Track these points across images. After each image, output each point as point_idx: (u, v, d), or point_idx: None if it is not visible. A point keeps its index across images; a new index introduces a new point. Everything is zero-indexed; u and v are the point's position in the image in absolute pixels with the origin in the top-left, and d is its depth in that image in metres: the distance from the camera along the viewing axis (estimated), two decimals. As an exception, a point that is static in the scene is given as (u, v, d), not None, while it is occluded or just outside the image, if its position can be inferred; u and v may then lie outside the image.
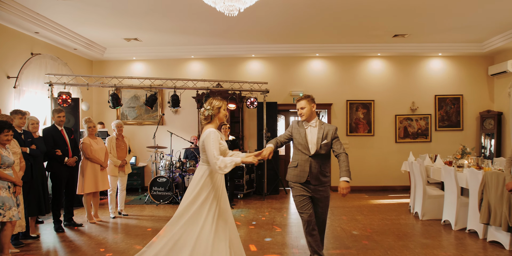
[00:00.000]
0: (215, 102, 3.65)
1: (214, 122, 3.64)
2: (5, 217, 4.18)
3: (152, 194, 7.99)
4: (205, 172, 3.48)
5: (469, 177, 5.51)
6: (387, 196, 9.00)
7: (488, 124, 9.69)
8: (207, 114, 3.62)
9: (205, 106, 3.67)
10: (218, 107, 3.64)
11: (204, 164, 3.54)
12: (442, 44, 9.56)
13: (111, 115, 10.20)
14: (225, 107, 3.71)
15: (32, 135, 5.44)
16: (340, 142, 4.16)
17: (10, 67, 7.09)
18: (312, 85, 10.19)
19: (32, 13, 6.83)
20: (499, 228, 4.87)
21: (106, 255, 4.66)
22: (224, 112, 3.69)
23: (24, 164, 4.77)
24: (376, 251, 4.79)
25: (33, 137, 5.43)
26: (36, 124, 5.62)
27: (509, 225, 4.61)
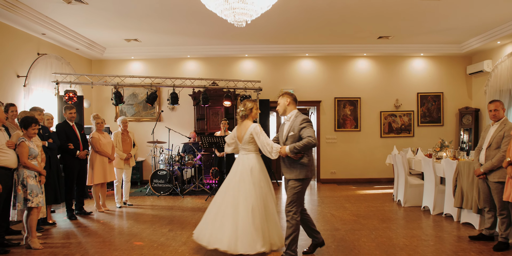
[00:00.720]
0: (248, 104, 4.47)
1: (249, 119, 4.46)
2: (33, 203, 4.64)
3: (153, 186, 8.48)
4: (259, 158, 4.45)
5: (445, 167, 6.12)
6: (373, 187, 9.61)
7: (466, 120, 10.35)
8: (241, 114, 4.46)
9: (240, 107, 4.49)
10: (250, 108, 4.46)
11: (251, 152, 4.42)
12: (424, 45, 10.17)
13: (111, 112, 10.62)
14: (256, 107, 4.52)
15: (48, 130, 5.92)
16: (309, 130, 4.09)
17: (19, 66, 7.51)
18: (302, 83, 10.74)
19: (41, 16, 7.25)
20: (470, 210, 5.49)
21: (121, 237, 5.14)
22: (256, 111, 4.50)
23: (44, 156, 5.23)
24: (362, 231, 5.37)
25: (49, 132, 5.90)
26: (51, 120, 6.09)
27: (479, 207, 5.21)
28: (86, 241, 5.08)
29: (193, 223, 5.94)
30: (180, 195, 8.42)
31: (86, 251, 4.64)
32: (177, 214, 6.66)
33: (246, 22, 4.75)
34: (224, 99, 9.23)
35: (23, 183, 4.65)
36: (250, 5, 4.41)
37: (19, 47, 7.54)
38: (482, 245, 4.64)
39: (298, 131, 4.11)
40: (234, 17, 4.59)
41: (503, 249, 4.46)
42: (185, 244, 4.86)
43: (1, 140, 4.60)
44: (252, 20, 4.83)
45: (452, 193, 5.78)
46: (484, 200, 4.85)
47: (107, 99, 10.49)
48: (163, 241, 5.01)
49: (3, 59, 7.08)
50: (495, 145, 4.58)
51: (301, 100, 10.51)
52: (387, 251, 4.47)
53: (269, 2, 4.51)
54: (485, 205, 4.87)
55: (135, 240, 5.05)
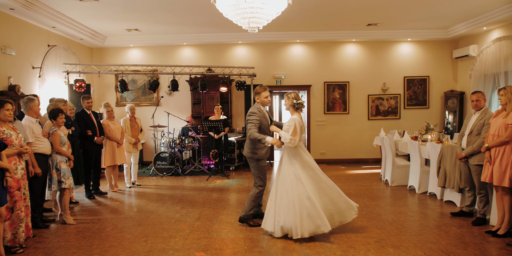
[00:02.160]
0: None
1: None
2: (66, 184, 5.19)
3: (156, 167, 8.95)
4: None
5: (430, 149, 6.69)
6: (361, 167, 10.22)
7: (451, 102, 10.90)
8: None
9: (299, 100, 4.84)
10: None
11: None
12: (411, 31, 10.52)
13: (112, 97, 10.94)
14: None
15: (71, 119, 6.33)
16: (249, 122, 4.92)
17: (34, 58, 7.98)
18: (293, 69, 11.13)
19: (53, 11, 7.67)
20: (452, 190, 6.08)
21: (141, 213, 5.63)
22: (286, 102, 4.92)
23: (69, 143, 5.63)
24: (355, 209, 5.94)
25: (71, 121, 6.28)
26: (72, 110, 6.52)
27: (460, 187, 5.80)
28: (111, 217, 5.64)
29: (200, 201, 6.50)
30: (181, 175, 8.91)
31: (114, 225, 5.19)
32: (184, 193, 7.19)
33: (258, 28, 5.15)
34: (221, 85, 9.63)
35: (56, 167, 5.17)
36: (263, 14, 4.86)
37: (33, 40, 7.97)
38: (462, 221, 5.25)
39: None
40: (249, 25, 5.00)
41: (480, 224, 5.06)
42: (198, 220, 5.43)
43: (38, 130, 5.07)
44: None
45: (436, 174, 6.36)
46: (465, 181, 5.44)
47: (108, 85, 10.83)
48: (179, 217, 5.57)
49: (21, 52, 7.54)
50: (476, 131, 5.12)
51: (291, 84, 11.03)
52: (378, 225, 5.05)
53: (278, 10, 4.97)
54: (465, 185, 5.45)
55: (154, 217, 5.60)
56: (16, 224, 4.16)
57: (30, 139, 4.86)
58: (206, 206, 6.17)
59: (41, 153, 5.06)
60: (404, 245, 4.31)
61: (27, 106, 5.01)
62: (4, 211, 3.85)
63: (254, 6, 4.83)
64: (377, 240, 4.49)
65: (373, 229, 4.88)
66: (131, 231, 4.91)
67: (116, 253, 4.17)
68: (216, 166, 9.28)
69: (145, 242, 4.48)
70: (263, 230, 4.73)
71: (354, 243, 4.39)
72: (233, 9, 4.97)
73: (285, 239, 4.56)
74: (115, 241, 4.54)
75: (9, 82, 7.02)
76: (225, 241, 4.51)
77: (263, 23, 5.10)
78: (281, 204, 4.51)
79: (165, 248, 4.30)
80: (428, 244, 4.33)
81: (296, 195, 4.46)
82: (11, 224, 4.15)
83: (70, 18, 8.30)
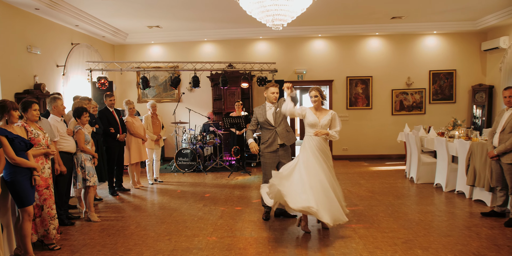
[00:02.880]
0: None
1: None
2: (91, 182, 5.24)
3: (178, 164, 8.99)
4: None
5: (458, 146, 6.48)
6: (384, 164, 10.03)
7: (479, 97, 10.55)
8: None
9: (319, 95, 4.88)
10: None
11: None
12: (437, 23, 10.23)
13: (133, 94, 11.05)
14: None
15: (94, 117, 6.38)
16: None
17: (58, 57, 8.12)
18: (315, 64, 10.98)
19: (76, 10, 7.79)
20: (482, 188, 5.88)
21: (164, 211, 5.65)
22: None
23: (93, 141, 5.69)
24: (379, 207, 5.82)
25: (95, 118, 6.34)
26: (95, 108, 6.56)
27: (491, 186, 5.60)
28: (135, 214, 5.67)
29: (223, 199, 6.46)
30: (203, 172, 8.93)
31: (138, 223, 5.20)
32: (206, 190, 7.18)
33: (282, 26, 5.07)
34: (242, 81, 9.57)
35: (81, 165, 5.22)
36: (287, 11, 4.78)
37: (57, 39, 8.11)
38: (494, 221, 5.05)
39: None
40: (273, 22, 4.93)
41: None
42: (221, 218, 5.39)
43: (63, 129, 5.13)
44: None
45: (465, 172, 6.16)
46: (497, 180, 5.23)
47: (130, 82, 10.95)
48: (201, 215, 5.55)
49: (46, 51, 7.68)
50: (509, 129, 4.90)
51: (313, 79, 10.89)
52: (404, 225, 4.91)
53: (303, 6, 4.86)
54: (497, 184, 5.25)
55: (176, 214, 5.60)
56: (47, 221, 4.22)
57: (55, 138, 4.91)
58: (229, 204, 6.14)
59: (66, 151, 5.11)
60: (432, 246, 4.17)
61: (51, 105, 5.06)
62: (31, 210, 3.90)
63: (279, 3, 4.79)
64: (405, 241, 4.36)
65: (399, 229, 4.75)
66: (155, 229, 4.92)
67: (141, 251, 4.18)
68: (237, 163, 9.25)
69: (169, 241, 4.48)
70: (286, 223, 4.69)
71: (380, 244, 4.28)
72: (257, 6, 4.93)
73: (310, 239, 4.49)
74: (139, 239, 4.56)
75: (34, 81, 7.13)
76: (249, 241, 4.47)
77: (287, 20, 5.04)
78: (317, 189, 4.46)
79: (189, 247, 4.28)
80: (458, 246, 4.19)
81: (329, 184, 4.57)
82: (41, 221, 4.22)
83: (93, 16, 8.39)
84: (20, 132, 3.98)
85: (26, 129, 4.11)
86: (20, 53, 6.88)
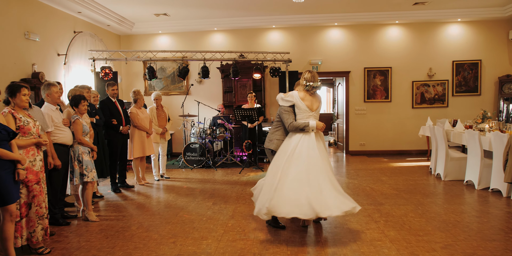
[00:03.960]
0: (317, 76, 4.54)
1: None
2: (89, 178, 4.74)
3: (186, 159, 8.49)
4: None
5: (493, 140, 5.87)
6: (405, 159, 9.43)
7: (507, 88, 9.88)
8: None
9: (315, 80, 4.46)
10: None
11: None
12: (462, 10, 9.61)
13: (140, 86, 10.57)
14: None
15: (95, 107, 5.92)
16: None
17: (59, 45, 7.63)
18: (331, 54, 10.40)
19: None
20: (522, 186, 5.29)
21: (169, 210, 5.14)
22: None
23: (93, 133, 5.26)
24: (408, 206, 5.25)
25: (96, 109, 5.89)
26: (96, 97, 6.08)
27: (532, 183, 5.02)
28: (137, 213, 5.16)
29: (234, 197, 5.93)
30: (212, 168, 8.41)
31: (140, 224, 4.69)
32: (216, 187, 6.66)
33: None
34: (254, 71, 9.05)
35: (78, 159, 4.74)
36: None
37: (58, 26, 7.63)
38: (539, 222, 4.48)
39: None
40: None
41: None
42: (232, 218, 4.86)
43: (58, 119, 4.65)
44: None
45: (503, 168, 5.56)
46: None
47: (136, 74, 10.48)
48: (211, 214, 5.02)
49: (46, 39, 7.20)
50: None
51: (329, 71, 10.32)
52: (440, 227, 4.34)
53: None
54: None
55: (184, 213, 5.09)
56: (34, 222, 3.69)
57: (49, 128, 4.42)
58: (240, 202, 5.61)
59: (62, 143, 4.62)
60: (478, 253, 3.60)
61: (45, 92, 4.58)
62: (14, 208, 3.40)
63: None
64: (444, 246, 3.79)
65: (435, 232, 4.18)
66: (158, 230, 4.41)
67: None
68: (249, 158, 8.73)
69: (174, 244, 3.96)
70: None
71: (416, 249, 3.71)
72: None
73: (334, 243, 3.95)
74: (140, 242, 4.04)
75: (33, 69, 6.67)
76: (264, 244, 3.93)
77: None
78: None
79: (196, 251, 3.76)
80: (508, 252, 3.60)
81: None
82: (27, 222, 3.69)
83: (96, 2, 7.89)
84: (4, 120, 3.49)
85: (14, 116, 3.63)
86: (16, 39, 6.39)
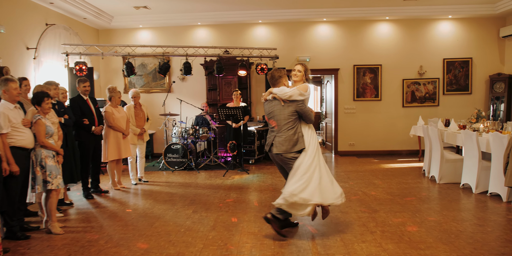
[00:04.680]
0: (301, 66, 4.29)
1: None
2: (53, 185, 4.21)
3: (167, 161, 8.00)
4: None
5: (492, 141, 5.53)
6: (396, 160, 9.10)
7: (498, 87, 9.64)
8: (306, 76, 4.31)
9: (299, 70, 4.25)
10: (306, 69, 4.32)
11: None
12: (453, 6, 9.35)
13: (119, 83, 10.03)
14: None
15: (64, 106, 5.40)
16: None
17: (29, 38, 7.06)
18: (319, 50, 10.03)
19: None
20: (524, 190, 4.96)
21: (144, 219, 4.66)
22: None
23: (61, 134, 4.77)
24: (404, 213, 4.87)
25: (65, 107, 5.39)
26: (65, 94, 5.57)
27: (535, 187, 4.69)
28: (108, 224, 4.64)
29: (216, 203, 5.47)
30: (195, 170, 7.95)
31: (110, 237, 4.18)
32: (197, 192, 6.19)
33: None
34: (239, 68, 8.61)
35: (41, 164, 4.21)
36: None
37: (27, 18, 7.05)
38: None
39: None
40: None
41: None
42: (214, 229, 4.38)
43: (17, 119, 4.13)
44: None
45: (503, 171, 5.21)
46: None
47: (115, 70, 9.94)
48: (190, 225, 4.54)
49: (12, 30, 6.63)
50: None
51: (317, 68, 9.93)
52: (442, 238, 3.96)
53: None
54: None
55: (159, 224, 4.59)
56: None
57: (4, 129, 3.90)
58: (223, 210, 5.15)
59: (21, 146, 4.09)
60: (488, 270, 3.23)
61: (1, 89, 4.05)
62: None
63: None
64: (449, 261, 3.41)
65: (437, 245, 3.79)
66: (130, 245, 3.90)
67: (108, 277, 3.20)
68: (234, 159, 8.28)
69: (146, 262, 3.50)
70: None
71: (418, 266, 3.32)
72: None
73: (325, 257, 3.54)
74: (108, 259, 3.57)
75: (-4, 64, 6.11)
76: (249, 261, 3.50)
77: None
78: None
79: (170, 270, 3.31)
80: (521, 269, 3.24)
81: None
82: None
83: (68, -9, 7.33)
84: None
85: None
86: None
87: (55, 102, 5.11)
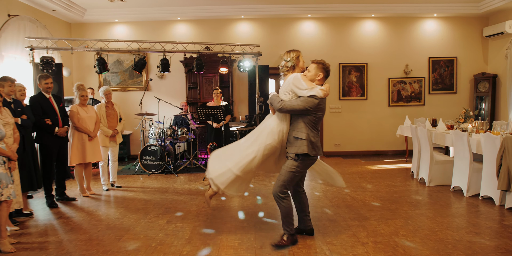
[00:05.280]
0: (292, 53, 3.88)
1: (296, 71, 3.89)
2: (3, 196, 3.69)
3: (143, 163, 7.54)
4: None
5: (484, 142, 5.29)
6: (383, 161, 8.85)
7: (482, 87, 9.53)
8: (289, 65, 3.84)
9: (285, 58, 3.88)
10: (296, 56, 3.88)
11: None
12: (438, 5, 9.19)
13: (93, 81, 9.49)
14: (302, 56, 3.95)
15: (21, 104, 4.90)
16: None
17: None
18: (304, 48, 9.58)
19: None
20: (518, 194, 4.73)
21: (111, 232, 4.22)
22: (303, 60, 3.93)
23: (18, 136, 4.26)
24: (396, 221, 4.56)
25: (22, 106, 4.88)
26: (24, 91, 5.05)
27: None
28: (69, 238, 4.15)
29: (194, 211, 5.06)
30: (173, 173, 7.50)
31: (69, 254, 3.70)
32: (174, 198, 5.75)
33: None
34: (220, 65, 8.20)
35: None
36: None
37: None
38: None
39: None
40: None
41: None
42: (189, 242, 3.96)
43: None
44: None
45: (496, 173, 4.97)
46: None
47: (89, 67, 9.38)
48: (162, 237, 4.11)
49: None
50: None
51: (303, 66, 9.54)
52: (439, 250, 3.66)
53: None
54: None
55: (128, 237, 4.13)
56: None
57: None
58: (201, 219, 4.73)
59: (-35, 152, 3.61)
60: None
61: None
62: None
63: None
64: (449, 278, 3.10)
65: (434, 257, 3.49)
66: (92, 263, 3.48)
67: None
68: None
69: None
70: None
71: (416, 283, 3.00)
72: None
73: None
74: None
75: None
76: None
77: None
78: None
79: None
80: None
81: None
82: None
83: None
84: None
85: None
86: None
87: (10, 100, 4.63)
